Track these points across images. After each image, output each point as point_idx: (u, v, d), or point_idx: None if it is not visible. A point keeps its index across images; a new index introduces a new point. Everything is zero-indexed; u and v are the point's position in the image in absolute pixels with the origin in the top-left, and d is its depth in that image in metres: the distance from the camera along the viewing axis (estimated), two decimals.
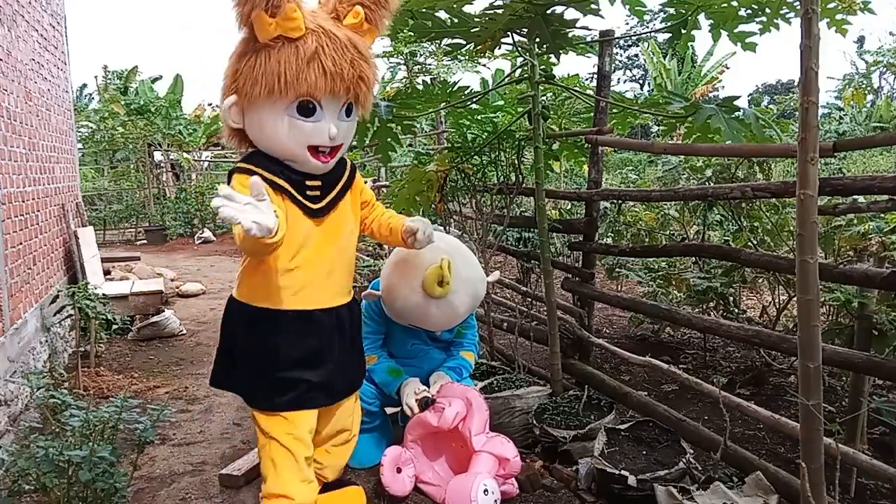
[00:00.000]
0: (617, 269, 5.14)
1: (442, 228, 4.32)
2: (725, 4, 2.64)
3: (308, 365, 2.17)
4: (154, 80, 16.82)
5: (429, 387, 2.82)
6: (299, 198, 2.11)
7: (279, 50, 1.96)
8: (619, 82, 41.87)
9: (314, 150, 2.09)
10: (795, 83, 1.65)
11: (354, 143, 3.11)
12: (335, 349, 2.23)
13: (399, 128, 3.31)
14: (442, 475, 2.70)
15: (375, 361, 2.89)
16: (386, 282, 2.73)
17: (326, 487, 2.49)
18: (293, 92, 1.97)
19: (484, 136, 3.54)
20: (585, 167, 3.61)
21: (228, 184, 2.01)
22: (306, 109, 2.03)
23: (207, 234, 12.05)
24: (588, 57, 3.48)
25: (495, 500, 2.39)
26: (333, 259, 2.21)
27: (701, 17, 2.78)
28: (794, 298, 3.12)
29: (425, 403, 2.67)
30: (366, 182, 2.62)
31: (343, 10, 2.08)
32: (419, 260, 2.59)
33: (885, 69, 21.30)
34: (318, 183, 2.16)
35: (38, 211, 4.53)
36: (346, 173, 2.29)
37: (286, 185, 2.09)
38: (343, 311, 2.27)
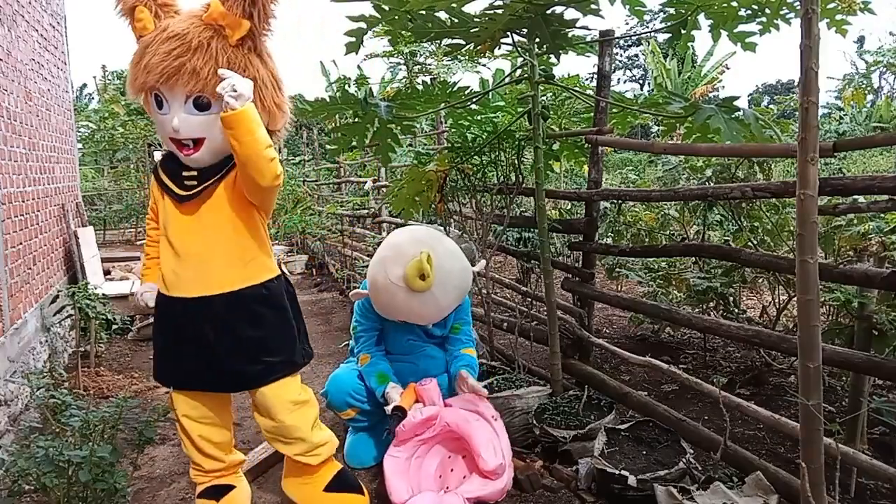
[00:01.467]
0: (617, 269, 5.14)
1: (442, 229, 4.32)
2: (725, 4, 2.64)
3: (178, 349, 2.31)
4: None
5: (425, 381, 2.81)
6: (170, 185, 2.27)
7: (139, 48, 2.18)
8: (619, 82, 41.91)
9: (177, 142, 2.21)
10: (795, 83, 1.64)
11: (354, 142, 3.12)
12: (206, 338, 2.25)
13: (399, 128, 3.30)
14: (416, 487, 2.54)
15: (367, 362, 2.89)
16: (370, 279, 2.73)
17: (330, 486, 2.47)
18: (132, 85, 2.19)
19: (484, 136, 3.54)
20: (585, 167, 3.61)
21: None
22: (157, 102, 2.20)
23: None
24: (588, 57, 3.48)
25: None
26: (204, 247, 2.25)
27: (701, 17, 2.78)
28: (794, 298, 3.12)
29: (397, 416, 2.66)
30: (365, 182, 2.68)
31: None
32: (401, 254, 2.59)
33: (885, 69, 21.29)
34: (193, 173, 2.25)
35: (38, 211, 4.53)
36: (229, 165, 2.28)
37: (163, 178, 2.30)
38: (221, 300, 2.25)
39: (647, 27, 20.54)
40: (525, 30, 2.82)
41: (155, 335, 2.43)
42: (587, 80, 6.54)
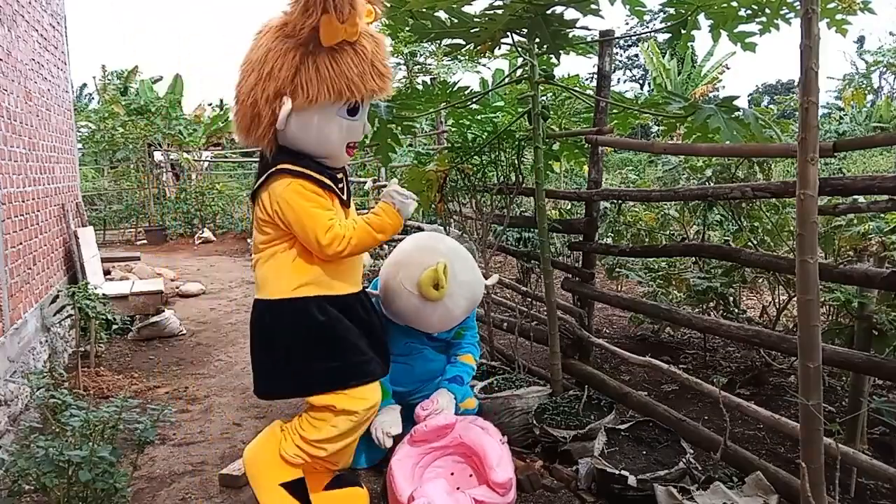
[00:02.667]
0: (617, 269, 5.14)
1: (442, 229, 4.32)
2: (725, 4, 2.64)
3: (366, 341, 2.39)
4: (154, 81, 16.82)
5: (427, 391, 2.80)
6: (338, 192, 2.32)
7: (342, 54, 2.08)
8: (619, 82, 41.88)
9: (348, 145, 2.30)
10: (795, 83, 1.64)
11: None
12: (376, 325, 2.49)
13: (399, 128, 3.31)
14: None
15: None
16: (383, 282, 2.73)
17: (329, 485, 2.47)
18: (358, 94, 2.14)
19: (484, 136, 3.54)
20: (585, 167, 3.61)
21: (263, 181, 2.26)
22: (354, 109, 2.21)
23: (207, 234, 12.05)
24: (588, 57, 3.48)
25: None
26: None
27: (701, 17, 2.78)
28: (794, 298, 3.12)
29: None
30: (365, 182, 2.75)
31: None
32: (416, 262, 2.59)
33: (885, 69, 21.29)
34: (341, 175, 2.37)
35: (38, 211, 4.53)
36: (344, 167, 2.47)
37: (332, 184, 2.28)
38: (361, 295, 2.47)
39: (647, 27, 20.53)
40: (525, 30, 2.82)
41: (337, 338, 2.33)
42: (587, 80, 6.53)
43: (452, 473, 2.63)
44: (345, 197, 2.39)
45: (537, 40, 2.87)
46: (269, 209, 2.24)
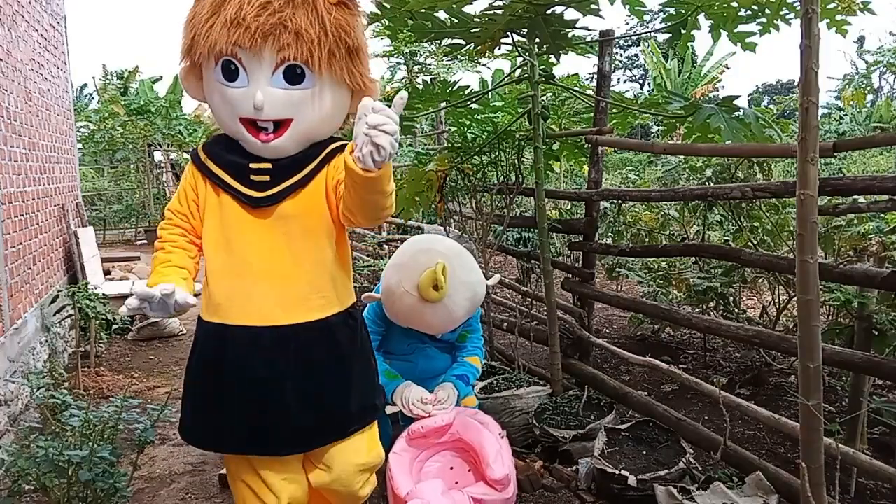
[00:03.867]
0: (617, 269, 5.13)
1: (442, 229, 4.32)
2: (725, 4, 2.64)
3: (235, 397, 1.77)
4: (154, 81, 16.83)
5: (428, 389, 2.80)
6: (234, 184, 1.74)
7: (198, 1, 1.67)
8: (619, 82, 41.90)
9: (250, 124, 1.69)
10: (795, 83, 1.64)
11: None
12: (282, 379, 1.76)
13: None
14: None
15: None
16: (385, 283, 2.73)
17: None
18: (200, 47, 1.63)
19: (484, 136, 3.54)
20: (585, 167, 3.61)
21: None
22: (228, 71, 1.66)
23: None
24: (588, 57, 3.48)
25: None
26: (288, 263, 1.75)
27: (701, 17, 2.78)
28: (794, 298, 3.12)
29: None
30: None
31: None
32: (415, 263, 2.58)
33: (885, 69, 21.29)
34: (266, 166, 1.73)
35: (38, 211, 4.53)
36: (322, 155, 1.77)
37: (219, 172, 1.76)
38: (304, 329, 1.76)
39: (647, 27, 20.54)
40: (525, 30, 2.82)
41: (192, 379, 1.85)
42: (587, 80, 6.54)
43: (451, 468, 2.63)
44: (262, 193, 1.73)
45: (537, 40, 2.88)
46: None
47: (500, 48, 3.00)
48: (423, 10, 2.59)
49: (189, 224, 1.84)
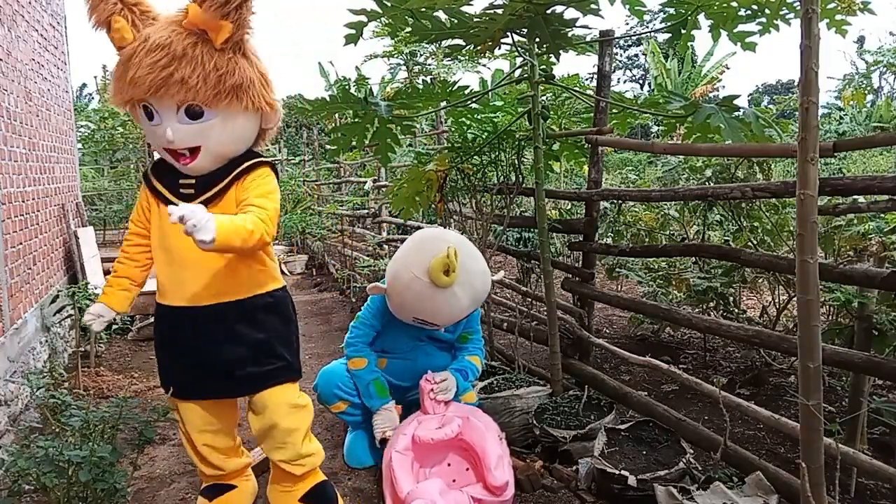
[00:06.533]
0: (617, 269, 5.14)
1: (441, 229, 4.31)
2: (725, 4, 2.64)
3: (183, 358, 2.29)
4: None
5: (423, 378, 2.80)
6: (167, 195, 2.22)
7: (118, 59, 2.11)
8: (619, 82, 41.93)
9: (172, 152, 2.16)
10: (795, 83, 1.64)
11: (353, 142, 3.11)
12: (213, 344, 2.25)
13: (398, 128, 3.31)
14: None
15: (364, 366, 2.88)
16: (392, 274, 2.72)
17: (306, 497, 2.45)
18: (119, 97, 2.12)
19: (484, 136, 3.54)
20: (585, 167, 3.61)
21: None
22: (147, 113, 2.12)
23: None
24: (588, 57, 3.48)
25: None
26: (210, 256, 2.15)
27: (701, 17, 2.78)
28: (794, 298, 3.12)
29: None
30: (365, 182, 2.61)
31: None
32: (426, 249, 2.59)
33: (885, 69, 21.30)
34: (190, 181, 2.21)
35: (38, 211, 4.53)
36: (231, 175, 2.22)
37: (158, 186, 2.25)
38: (228, 308, 2.24)
39: (647, 27, 20.54)
40: (525, 30, 2.82)
41: (157, 346, 2.42)
42: (587, 80, 6.53)
43: (449, 464, 2.64)
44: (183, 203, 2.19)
45: (537, 40, 2.88)
46: None
47: (500, 48, 3.00)
48: (423, 10, 2.59)
49: (145, 230, 2.35)
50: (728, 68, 19.21)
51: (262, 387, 2.32)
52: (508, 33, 2.85)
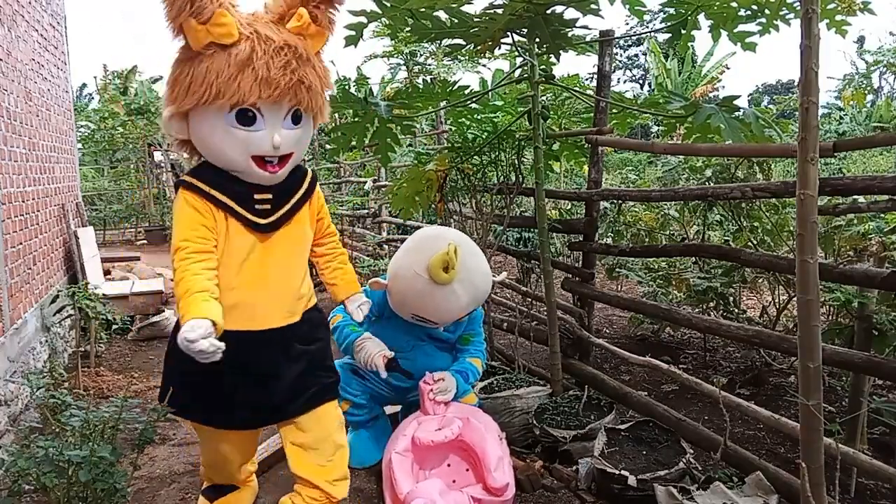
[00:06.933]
0: (617, 269, 5.14)
1: (444, 227, 4.32)
2: (725, 4, 2.64)
3: (235, 387, 2.09)
4: (154, 81, 16.82)
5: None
6: (242, 212, 2.03)
7: (212, 57, 1.89)
8: (619, 82, 41.92)
9: (259, 160, 2.00)
10: (795, 83, 1.64)
11: (353, 142, 3.12)
12: (276, 368, 2.14)
13: (398, 128, 3.31)
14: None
15: (339, 320, 2.85)
16: (392, 271, 2.73)
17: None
18: (225, 100, 1.90)
19: (484, 136, 3.54)
20: (585, 167, 3.61)
21: (176, 193, 2.08)
22: (245, 118, 1.95)
23: None
24: (588, 57, 3.48)
25: None
26: (285, 275, 2.12)
27: (701, 17, 2.78)
28: (794, 298, 3.12)
29: (391, 366, 2.64)
30: (365, 182, 2.58)
31: (287, 13, 1.98)
32: (427, 247, 2.59)
33: (885, 69, 21.30)
34: (268, 196, 2.06)
35: (38, 211, 4.53)
36: (305, 184, 2.17)
37: (227, 201, 2.02)
38: (295, 328, 2.16)
39: (647, 27, 20.54)
40: (525, 29, 2.82)
41: (217, 375, 1.99)
42: (587, 80, 6.53)
43: (448, 465, 2.64)
44: (267, 220, 2.06)
45: (537, 40, 2.88)
46: None
47: (500, 48, 3.00)
48: (423, 10, 2.59)
49: (209, 245, 2.01)
50: (728, 68, 19.20)
51: (319, 402, 2.24)
52: (508, 33, 2.85)
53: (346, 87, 12.79)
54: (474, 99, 3.49)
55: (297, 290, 2.16)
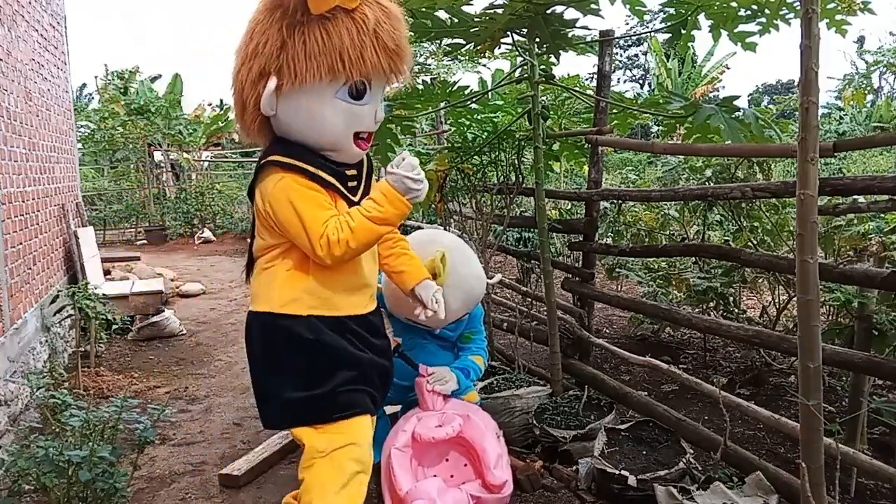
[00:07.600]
0: (617, 269, 5.14)
1: (442, 229, 4.32)
2: (725, 4, 2.64)
3: (363, 370, 2.03)
4: (153, 80, 16.82)
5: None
6: (344, 191, 1.92)
7: (336, 23, 1.71)
8: (619, 82, 41.94)
9: (357, 136, 1.89)
10: (795, 83, 1.64)
11: None
12: (384, 352, 2.16)
13: (398, 128, 3.31)
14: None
15: None
16: (385, 276, 2.73)
17: None
18: (356, 72, 1.75)
19: (484, 136, 3.54)
20: (585, 167, 3.61)
21: (256, 178, 1.92)
22: (357, 92, 1.81)
23: (207, 234, 12.05)
24: (588, 57, 3.48)
25: None
26: (370, 263, 2.07)
27: (701, 17, 2.78)
28: (794, 298, 3.12)
29: (397, 351, 2.64)
30: None
31: None
32: (418, 252, 2.59)
33: (885, 69, 21.30)
34: (354, 173, 1.96)
35: (38, 211, 4.53)
36: (367, 161, 2.07)
37: (332, 180, 1.88)
38: (373, 314, 2.13)
39: (647, 27, 20.53)
40: (525, 29, 2.82)
41: (339, 364, 1.97)
42: (587, 80, 6.53)
43: (447, 460, 2.64)
44: (356, 197, 1.95)
45: (537, 40, 2.88)
46: (262, 210, 1.89)
47: (500, 48, 3.00)
48: (423, 9, 2.59)
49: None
50: (728, 68, 19.20)
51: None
52: (508, 33, 2.85)
53: None
54: (474, 99, 3.49)
55: (376, 274, 2.12)
